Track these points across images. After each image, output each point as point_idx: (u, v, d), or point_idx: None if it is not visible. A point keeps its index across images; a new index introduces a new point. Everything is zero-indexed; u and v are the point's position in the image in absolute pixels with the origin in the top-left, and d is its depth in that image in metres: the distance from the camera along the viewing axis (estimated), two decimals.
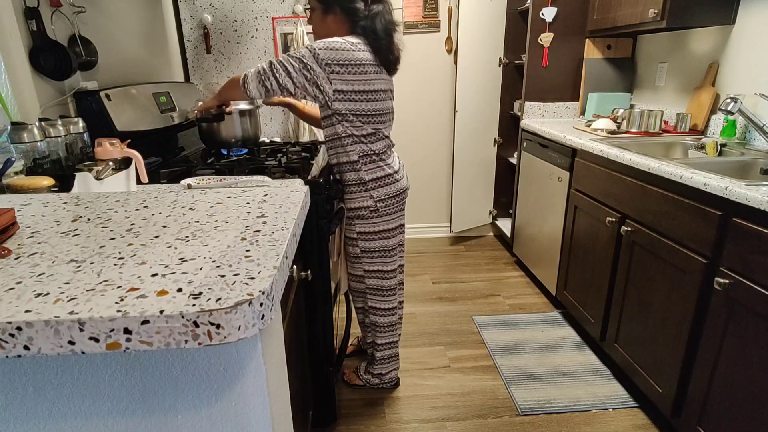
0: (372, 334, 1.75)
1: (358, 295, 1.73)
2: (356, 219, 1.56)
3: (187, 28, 2.23)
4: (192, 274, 0.61)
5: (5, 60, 1.28)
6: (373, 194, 1.53)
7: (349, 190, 1.54)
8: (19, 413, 0.62)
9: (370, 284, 1.66)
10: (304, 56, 1.36)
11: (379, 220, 1.56)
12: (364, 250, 1.60)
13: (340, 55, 1.36)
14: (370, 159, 1.50)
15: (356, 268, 1.66)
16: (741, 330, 1.25)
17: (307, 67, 1.36)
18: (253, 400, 0.65)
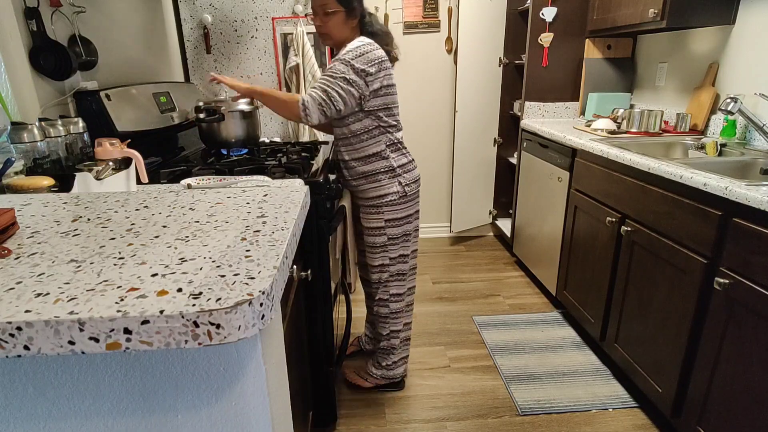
0: (389, 323, 1.77)
1: (376, 286, 1.74)
2: (385, 207, 1.61)
3: (187, 28, 2.22)
4: (192, 274, 0.61)
5: (5, 60, 1.28)
6: (401, 180, 1.60)
7: (377, 179, 1.59)
8: (19, 413, 0.62)
9: (394, 270, 1.70)
10: (346, 73, 1.43)
11: (407, 205, 1.64)
12: (391, 237, 1.65)
13: (371, 57, 1.45)
14: (395, 147, 1.60)
15: (378, 258, 1.68)
16: (741, 330, 1.25)
17: (351, 82, 1.44)
18: (253, 400, 0.65)
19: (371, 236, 1.67)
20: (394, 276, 1.72)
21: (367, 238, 1.69)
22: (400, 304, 1.77)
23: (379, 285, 1.74)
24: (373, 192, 1.61)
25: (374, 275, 1.73)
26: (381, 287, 1.74)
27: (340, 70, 1.44)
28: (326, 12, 1.48)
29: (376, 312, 1.79)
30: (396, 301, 1.75)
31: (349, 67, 1.43)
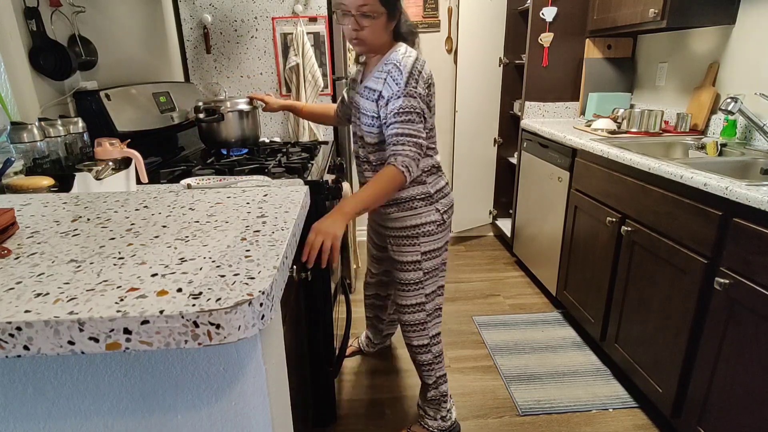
0: (434, 370, 1.55)
1: (411, 329, 1.50)
2: (422, 237, 1.41)
3: (187, 28, 2.22)
4: (192, 274, 0.61)
5: (5, 60, 1.27)
6: (437, 206, 1.42)
7: (413, 206, 1.39)
8: (18, 413, 0.62)
9: (431, 308, 1.49)
10: (416, 107, 1.25)
11: (443, 234, 1.45)
12: (428, 271, 1.44)
13: (425, 75, 1.29)
14: (431, 171, 1.41)
15: (412, 296, 1.46)
16: (741, 330, 1.25)
17: (425, 116, 1.29)
18: (253, 400, 0.65)
19: (404, 272, 1.45)
20: (432, 314, 1.50)
21: (398, 274, 1.46)
22: (440, 345, 1.55)
23: (415, 327, 1.50)
24: (408, 221, 1.40)
25: (408, 316, 1.49)
26: (417, 330, 1.50)
27: (412, 105, 1.24)
28: (365, 14, 1.24)
29: (417, 360, 1.55)
30: (437, 343, 1.54)
31: (419, 100, 1.25)
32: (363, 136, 1.39)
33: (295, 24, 2.22)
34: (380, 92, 1.29)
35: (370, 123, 1.34)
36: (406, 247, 1.43)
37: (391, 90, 1.26)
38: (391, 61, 1.28)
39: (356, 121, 1.43)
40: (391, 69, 1.27)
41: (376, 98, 1.30)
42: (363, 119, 1.36)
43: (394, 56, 1.29)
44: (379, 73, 1.31)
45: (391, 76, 1.26)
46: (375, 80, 1.32)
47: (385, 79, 1.28)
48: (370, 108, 1.32)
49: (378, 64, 1.34)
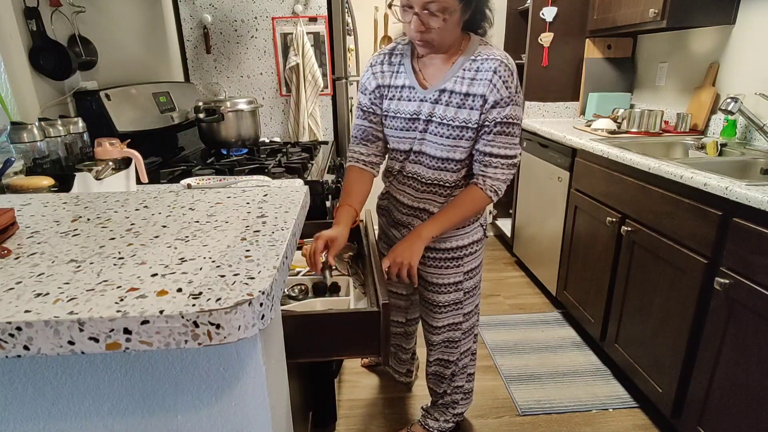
0: (455, 380, 1.47)
1: (441, 347, 1.40)
2: (466, 258, 1.28)
3: (187, 27, 2.22)
4: (192, 274, 0.61)
5: (5, 60, 1.27)
6: (481, 222, 1.29)
7: (464, 225, 1.26)
8: (18, 413, 0.62)
9: (467, 327, 1.37)
10: (520, 118, 1.12)
11: (482, 250, 1.32)
12: (467, 291, 1.32)
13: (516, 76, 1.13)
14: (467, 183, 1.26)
15: (452, 317, 1.34)
16: (741, 330, 1.25)
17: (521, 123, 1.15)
18: (253, 400, 0.65)
19: (441, 294, 1.31)
20: (466, 333, 1.38)
21: (433, 297, 1.32)
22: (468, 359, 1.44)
23: (446, 345, 1.39)
24: (455, 241, 1.25)
25: (437, 336, 1.37)
26: (449, 348, 1.39)
27: (519, 118, 1.11)
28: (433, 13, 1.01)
29: (433, 372, 1.47)
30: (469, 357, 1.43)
31: (522, 108, 1.13)
32: (453, 155, 1.15)
33: (295, 24, 2.22)
34: (484, 96, 1.07)
35: (458, 135, 1.11)
36: (449, 269, 1.28)
37: (500, 95, 1.06)
38: (494, 58, 1.07)
39: (425, 136, 1.16)
40: (499, 67, 1.06)
41: (482, 104, 1.08)
42: (441, 130, 1.12)
43: (490, 51, 1.08)
44: (474, 73, 1.09)
45: (501, 77, 1.06)
46: (469, 82, 1.09)
47: (491, 80, 1.06)
48: (463, 116, 1.10)
49: (457, 63, 1.11)
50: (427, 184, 1.22)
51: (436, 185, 1.22)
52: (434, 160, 1.18)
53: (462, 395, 1.51)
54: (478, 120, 1.10)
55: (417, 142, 1.19)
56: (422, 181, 1.22)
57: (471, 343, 1.42)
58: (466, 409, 1.56)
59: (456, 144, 1.13)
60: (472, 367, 1.49)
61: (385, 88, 1.21)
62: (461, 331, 1.37)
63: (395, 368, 1.87)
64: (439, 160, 1.17)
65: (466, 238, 1.27)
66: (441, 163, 1.17)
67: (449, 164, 1.17)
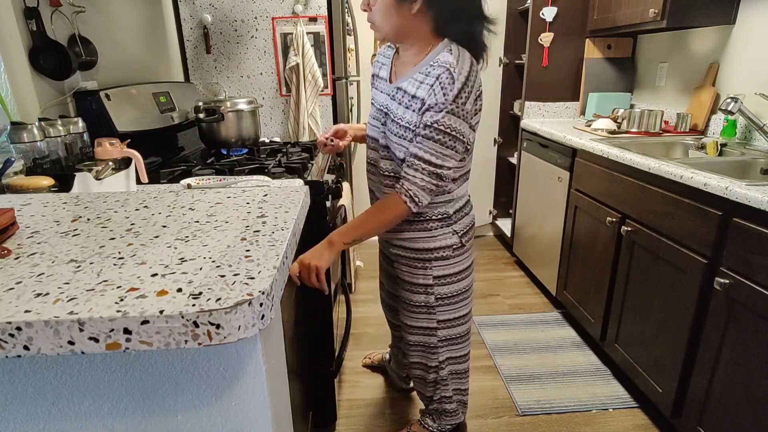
0: (439, 389, 1.43)
1: (415, 349, 1.39)
2: (434, 262, 1.25)
3: (187, 27, 2.22)
4: (192, 274, 0.61)
5: (5, 60, 1.27)
6: (456, 228, 1.24)
7: (429, 227, 1.23)
8: (19, 413, 0.62)
9: (444, 335, 1.34)
10: (456, 129, 1.06)
11: (460, 258, 1.27)
12: (441, 297, 1.29)
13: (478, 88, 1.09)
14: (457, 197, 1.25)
15: (424, 320, 1.33)
16: (741, 330, 1.25)
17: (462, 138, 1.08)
18: (253, 400, 0.65)
19: (411, 293, 1.30)
20: (447, 340, 1.35)
21: (403, 293, 1.33)
22: (461, 365, 1.41)
23: (417, 347, 1.38)
24: (421, 243, 1.24)
25: (413, 336, 1.36)
26: (420, 350, 1.38)
27: (454, 129, 1.05)
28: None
29: (417, 375, 1.45)
30: (454, 363, 1.40)
31: (462, 120, 1.06)
32: (389, 146, 1.18)
33: (295, 24, 2.22)
34: (423, 100, 1.07)
35: (402, 134, 1.12)
36: (416, 270, 1.27)
37: (436, 100, 1.04)
38: (443, 65, 1.05)
39: (381, 127, 1.21)
40: (442, 74, 1.04)
41: (420, 107, 1.08)
42: (393, 127, 1.15)
43: (446, 58, 1.06)
44: (424, 77, 1.08)
45: (441, 83, 1.04)
46: (418, 85, 1.09)
47: (432, 85, 1.05)
48: (407, 117, 1.10)
49: (419, 65, 1.10)
50: (386, 176, 1.24)
51: (394, 179, 1.22)
52: (390, 154, 1.20)
53: (453, 406, 1.47)
54: (418, 121, 1.08)
55: (376, 131, 1.23)
56: (384, 174, 1.24)
57: (453, 353, 1.38)
58: (460, 419, 1.52)
59: (401, 143, 1.14)
60: (460, 383, 1.45)
61: (374, 77, 1.29)
62: (437, 338, 1.34)
63: (395, 371, 1.87)
64: (397, 158, 1.18)
65: (432, 242, 1.24)
66: (398, 161, 1.18)
67: (398, 161, 1.17)
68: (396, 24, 1.09)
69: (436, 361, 1.37)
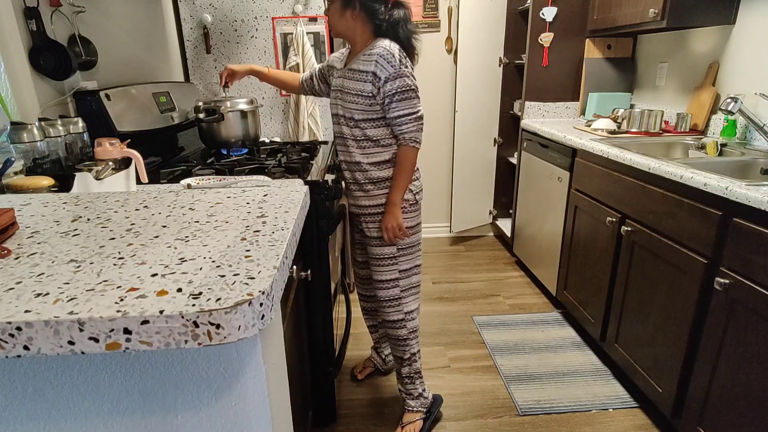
0: (409, 346, 1.63)
1: (387, 304, 1.59)
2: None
3: (187, 28, 2.22)
4: (192, 274, 0.61)
5: (5, 60, 1.27)
6: (411, 187, 1.52)
7: (386, 186, 1.52)
8: (18, 413, 0.62)
9: (406, 284, 1.58)
10: (411, 85, 1.42)
11: (415, 213, 1.55)
12: (402, 248, 1.54)
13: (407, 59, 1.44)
14: None
15: (387, 272, 1.55)
16: (741, 330, 1.25)
17: (416, 89, 1.44)
18: (253, 400, 0.65)
19: (379, 247, 1.53)
20: (407, 290, 1.58)
21: (372, 249, 1.55)
22: (415, 321, 1.63)
23: (390, 302, 1.58)
24: (380, 199, 1.51)
25: (383, 291, 1.57)
26: (393, 305, 1.58)
27: (409, 86, 1.41)
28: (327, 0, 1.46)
29: (392, 335, 1.62)
30: (412, 319, 1.61)
31: (411, 78, 1.42)
32: (352, 115, 1.47)
33: (295, 24, 2.22)
34: (374, 72, 1.39)
35: (361, 101, 1.44)
36: (378, 224, 1.53)
37: (387, 72, 1.38)
38: (376, 52, 1.39)
39: (339, 102, 1.50)
40: (381, 53, 1.38)
41: (371, 79, 1.40)
42: (350, 98, 1.45)
43: (380, 43, 1.40)
44: (366, 57, 1.42)
45: (384, 58, 1.38)
46: (364, 63, 1.42)
47: (376, 61, 1.38)
48: (363, 88, 1.42)
49: (360, 54, 1.45)
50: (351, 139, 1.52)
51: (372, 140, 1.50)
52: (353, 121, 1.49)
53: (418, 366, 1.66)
54: (374, 90, 1.41)
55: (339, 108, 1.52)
56: (352, 138, 1.52)
57: (414, 306, 1.62)
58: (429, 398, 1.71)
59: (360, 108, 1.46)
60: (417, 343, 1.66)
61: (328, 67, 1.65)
62: (400, 288, 1.57)
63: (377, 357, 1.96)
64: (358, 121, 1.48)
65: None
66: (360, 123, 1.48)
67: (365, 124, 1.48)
68: (345, 25, 1.45)
69: (401, 313, 1.60)
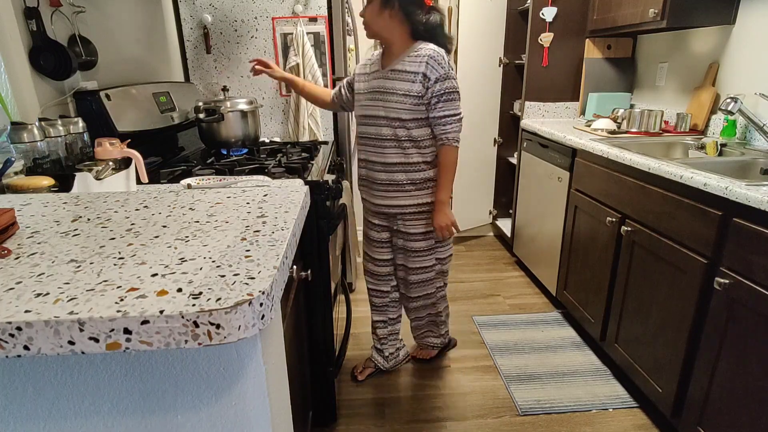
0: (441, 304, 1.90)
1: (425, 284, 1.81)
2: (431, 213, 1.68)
3: (187, 28, 2.22)
4: (192, 274, 0.61)
5: (5, 60, 1.27)
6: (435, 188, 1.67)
7: (427, 186, 1.65)
8: (19, 413, 0.62)
9: (438, 269, 1.79)
10: (456, 87, 1.53)
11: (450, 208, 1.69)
12: (438, 240, 1.73)
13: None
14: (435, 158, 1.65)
15: (427, 260, 1.76)
16: (741, 330, 1.25)
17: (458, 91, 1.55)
18: (253, 400, 0.65)
19: (417, 242, 1.70)
20: (438, 274, 1.80)
21: (412, 245, 1.70)
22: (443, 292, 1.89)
23: (419, 285, 1.79)
24: (422, 198, 1.65)
25: (415, 276, 1.77)
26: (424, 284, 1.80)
27: (456, 88, 1.53)
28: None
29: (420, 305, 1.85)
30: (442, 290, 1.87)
31: (456, 81, 1.53)
32: (399, 115, 1.55)
33: (295, 24, 2.22)
34: (424, 73, 1.48)
35: (408, 101, 1.52)
36: (419, 221, 1.67)
37: (438, 73, 1.48)
38: (426, 54, 1.48)
39: (379, 103, 1.57)
40: (432, 55, 1.48)
41: (421, 80, 1.49)
42: (396, 98, 1.53)
43: (428, 50, 1.49)
44: (413, 58, 1.50)
45: (435, 60, 1.48)
46: (411, 64, 1.50)
47: (427, 63, 1.48)
48: (411, 88, 1.51)
49: (403, 55, 1.53)
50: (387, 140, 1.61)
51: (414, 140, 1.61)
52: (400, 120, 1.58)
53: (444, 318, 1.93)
54: (422, 90, 1.50)
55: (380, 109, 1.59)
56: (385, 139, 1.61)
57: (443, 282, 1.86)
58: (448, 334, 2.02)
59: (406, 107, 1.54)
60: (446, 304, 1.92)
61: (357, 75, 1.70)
62: (434, 272, 1.79)
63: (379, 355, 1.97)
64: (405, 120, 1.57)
65: (429, 197, 1.65)
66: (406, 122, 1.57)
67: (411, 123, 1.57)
68: (381, 24, 1.52)
69: (434, 287, 1.81)
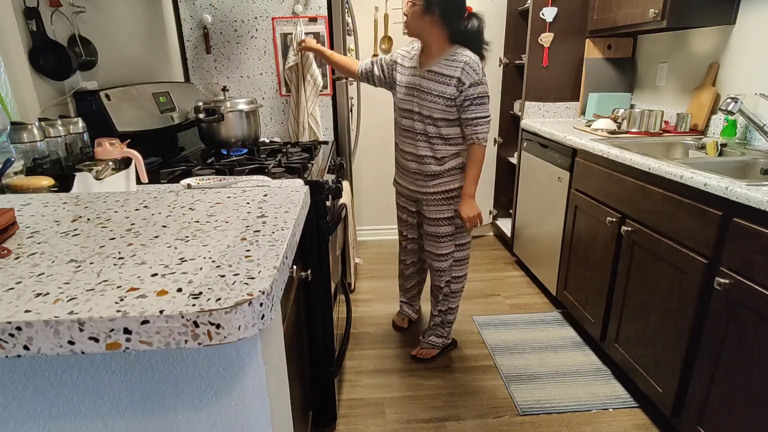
0: (448, 301, 1.99)
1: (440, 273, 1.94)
2: (455, 198, 1.81)
3: (187, 28, 2.22)
4: (192, 274, 0.61)
5: (5, 60, 1.27)
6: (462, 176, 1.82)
7: (453, 174, 1.79)
8: (18, 413, 0.62)
9: (459, 256, 1.91)
10: (487, 92, 1.68)
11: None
12: (459, 226, 1.86)
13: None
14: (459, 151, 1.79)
15: (446, 247, 1.88)
16: (741, 330, 1.25)
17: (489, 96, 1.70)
18: (253, 400, 0.65)
19: (440, 226, 1.84)
20: (453, 263, 1.92)
21: (433, 229, 1.85)
22: (458, 285, 1.97)
23: (443, 272, 1.91)
24: (448, 185, 1.79)
25: (436, 263, 1.90)
26: (444, 274, 1.92)
27: (487, 92, 1.68)
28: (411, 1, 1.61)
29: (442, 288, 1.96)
30: (457, 282, 1.96)
31: (487, 86, 1.67)
32: (431, 114, 1.71)
33: (295, 24, 2.22)
34: (459, 78, 1.62)
35: (441, 102, 1.66)
36: (443, 206, 1.81)
37: (472, 78, 1.62)
38: (463, 60, 1.62)
39: (415, 100, 1.73)
40: (468, 62, 1.62)
41: (455, 84, 1.63)
42: (430, 98, 1.68)
43: (465, 56, 1.62)
44: (449, 63, 1.64)
45: (470, 66, 1.61)
46: (447, 68, 1.64)
47: (462, 68, 1.61)
48: (445, 90, 1.65)
49: (440, 57, 1.66)
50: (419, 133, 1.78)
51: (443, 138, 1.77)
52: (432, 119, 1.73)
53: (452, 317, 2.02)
54: (455, 93, 1.65)
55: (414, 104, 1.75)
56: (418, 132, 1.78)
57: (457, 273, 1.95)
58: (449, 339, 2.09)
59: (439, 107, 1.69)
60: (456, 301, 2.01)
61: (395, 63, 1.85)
62: (453, 259, 1.91)
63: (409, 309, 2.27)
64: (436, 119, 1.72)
65: (454, 183, 1.80)
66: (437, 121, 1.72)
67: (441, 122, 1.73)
68: (420, 27, 1.64)
69: (449, 276, 1.94)
